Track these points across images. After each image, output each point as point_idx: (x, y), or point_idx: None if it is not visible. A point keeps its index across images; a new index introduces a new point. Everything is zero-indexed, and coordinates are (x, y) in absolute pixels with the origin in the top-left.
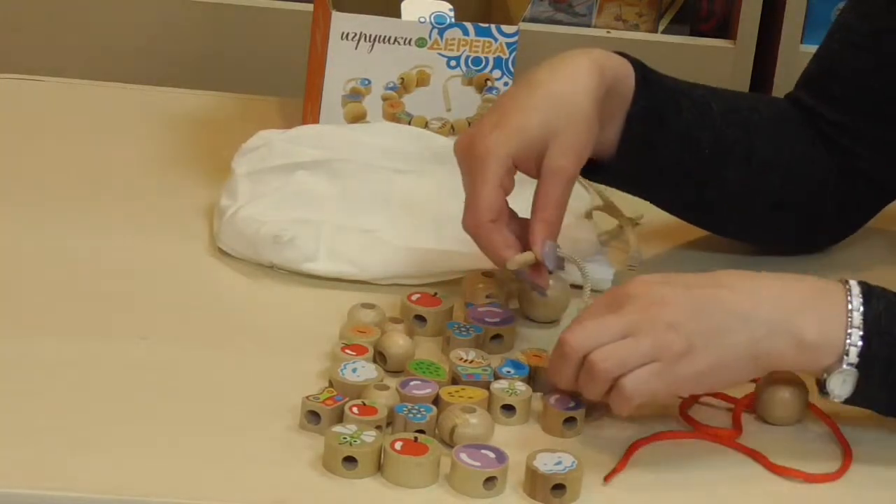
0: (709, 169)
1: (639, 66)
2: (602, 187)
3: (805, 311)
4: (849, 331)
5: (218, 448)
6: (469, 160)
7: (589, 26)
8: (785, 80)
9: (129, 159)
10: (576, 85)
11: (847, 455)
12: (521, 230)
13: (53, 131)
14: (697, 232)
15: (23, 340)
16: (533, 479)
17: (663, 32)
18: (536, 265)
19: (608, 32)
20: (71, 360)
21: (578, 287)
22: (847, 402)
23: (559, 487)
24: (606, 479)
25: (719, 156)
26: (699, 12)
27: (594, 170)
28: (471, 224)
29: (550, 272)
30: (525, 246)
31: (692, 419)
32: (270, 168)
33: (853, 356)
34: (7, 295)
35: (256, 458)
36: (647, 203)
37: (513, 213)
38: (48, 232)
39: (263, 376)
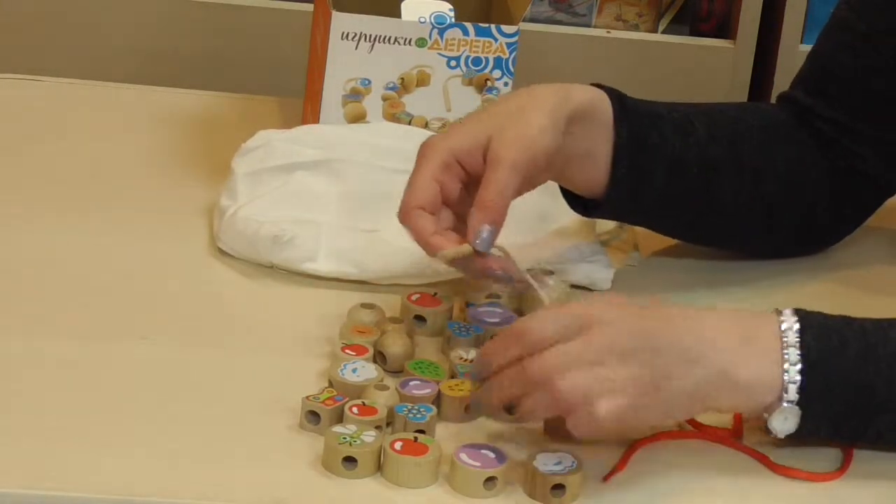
0: (700, 188)
1: (615, 96)
2: None
3: (740, 352)
4: (785, 367)
5: (218, 448)
6: (417, 157)
7: (589, 26)
8: (785, 81)
9: (128, 159)
10: (531, 101)
11: (847, 455)
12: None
13: (53, 131)
14: None
15: (23, 340)
16: (533, 479)
17: (663, 32)
18: (478, 255)
19: (608, 32)
20: (71, 361)
21: (579, 287)
22: (792, 436)
23: (559, 487)
24: (606, 479)
25: (708, 174)
26: (699, 12)
27: (592, 206)
28: (400, 210)
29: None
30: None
31: (693, 419)
32: (270, 168)
33: (792, 393)
34: (7, 295)
35: (256, 458)
36: None
37: (457, 217)
38: (48, 232)
39: (263, 376)
